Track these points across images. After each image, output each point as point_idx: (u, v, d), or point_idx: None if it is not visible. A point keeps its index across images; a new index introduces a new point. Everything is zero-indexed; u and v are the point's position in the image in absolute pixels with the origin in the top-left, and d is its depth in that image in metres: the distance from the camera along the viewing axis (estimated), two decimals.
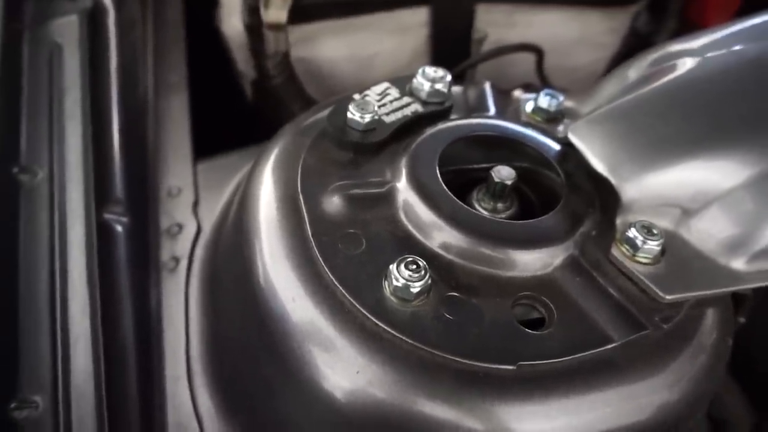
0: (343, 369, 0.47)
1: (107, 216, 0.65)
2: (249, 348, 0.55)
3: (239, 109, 1.00)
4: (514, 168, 0.56)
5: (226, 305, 0.61)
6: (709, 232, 0.52)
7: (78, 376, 0.53)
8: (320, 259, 0.50)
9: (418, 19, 0.90)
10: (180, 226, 0.71)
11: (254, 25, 0.85)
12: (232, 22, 0.90)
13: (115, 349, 0.57)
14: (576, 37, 0.96)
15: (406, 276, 0.47)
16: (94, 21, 0.77)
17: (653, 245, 0.50)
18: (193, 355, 0.62)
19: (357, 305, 0.48)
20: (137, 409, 0.57)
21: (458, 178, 0.58)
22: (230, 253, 0.61)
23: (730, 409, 0.81)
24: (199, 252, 0.68)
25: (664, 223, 0.53)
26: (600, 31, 0.96)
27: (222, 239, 0.65)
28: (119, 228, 0.65)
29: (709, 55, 0.59)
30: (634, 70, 0.64)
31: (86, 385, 0.53)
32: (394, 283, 0.47)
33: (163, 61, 0.85)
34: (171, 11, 0.91)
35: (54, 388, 0.52)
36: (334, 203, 0.54)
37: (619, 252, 0.51)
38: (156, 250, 0.68)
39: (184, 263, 0.67)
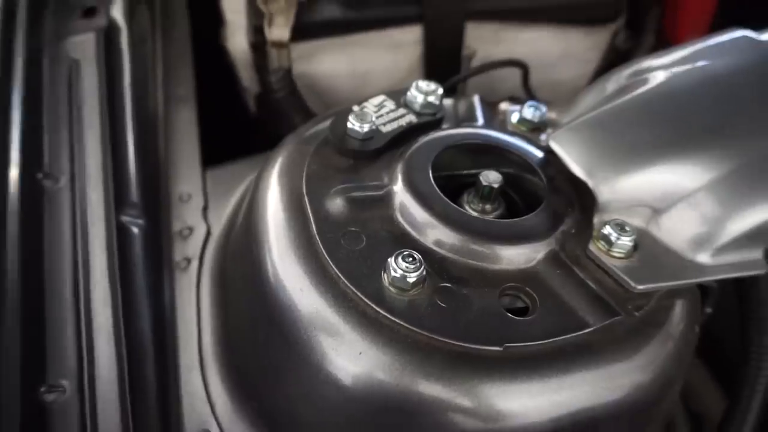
0: (347, 352, 0.51)
1: (124, 218, 0.69)
2: (259, 337, 0.59)
3: (243, 121, 1.03)
4: (501, 173, 0.60)
5: (235, 300, 0.65)
6: (676, 229, 0.57)
7: (101, 363, 0.57)
8: (325, 254, 0.54)
9: (411, 36, 0.93)
10: (191, 229, 0.75)
11: (258, 43, 0.89)
12: (236, 39, 0.93)
13: (134, 339, 0.61)
14: (560, 53, 0.99)
15: (404, 267, 0.52)
16: (108, 38, 0.81)
17: (626, 241, 0.55)
18: (204, 346, 0.66)
19: (359, 294, 0.52)
20: (155, 394, 0.61)
21: (450, 182, 0.63)
22: (240, 251, 0.65)
23: (705, 402, 0.86)
24: (209, 253, 0.73)
25: (636, 221, 0.57)
26: (582, 48, 1.00)
27: (231, 240, 0.69)
28: (135, 230, 0.69)
29: (677, 69, 0.64)
30: (610, 83, 0.69)
31: (110, 371, 0.57)
32: (393, 274, 0.52)
33: (172, 75, 0.89)
34: (178, 29, 0.95)
35: (80, 374, 0.57)
36: (336, 204, 0.58)
37: (595, 247, 0.56)
38: (169, 251, 0.72)
39: (195, 263, 0.72)
